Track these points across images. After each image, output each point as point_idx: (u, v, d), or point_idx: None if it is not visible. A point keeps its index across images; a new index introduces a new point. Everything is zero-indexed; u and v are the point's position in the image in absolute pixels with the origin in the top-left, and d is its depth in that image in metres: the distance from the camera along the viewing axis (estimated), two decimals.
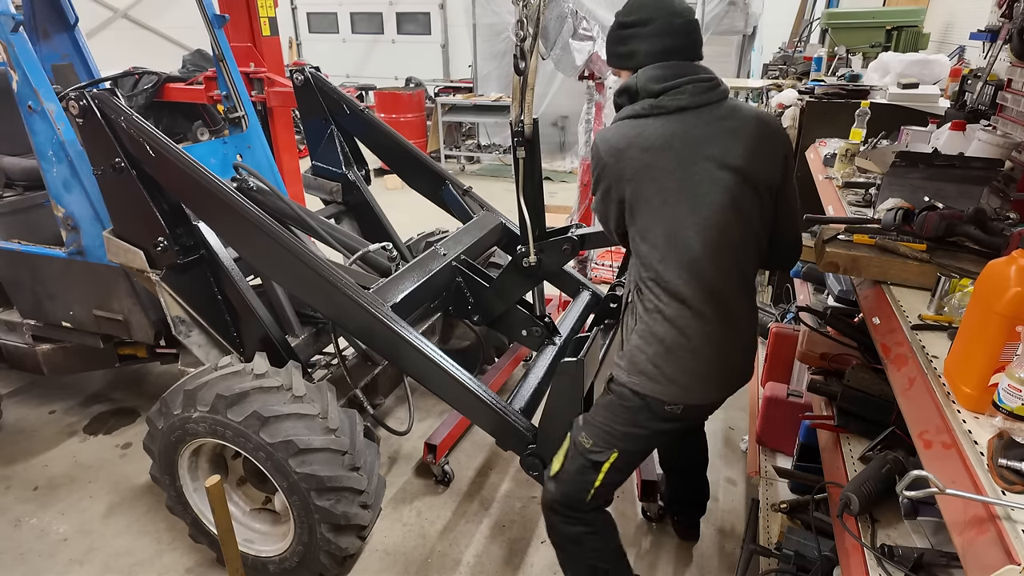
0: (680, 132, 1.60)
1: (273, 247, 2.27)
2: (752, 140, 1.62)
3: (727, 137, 1.61)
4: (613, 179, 1.66)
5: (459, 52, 11.12)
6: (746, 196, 1.63)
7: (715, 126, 1.62)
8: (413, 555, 2.59)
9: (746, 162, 1.61)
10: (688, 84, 1.61)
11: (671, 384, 1.72)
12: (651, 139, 1.60)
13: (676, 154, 1.59)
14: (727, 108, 1.65)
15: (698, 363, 1.70)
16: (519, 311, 2.76)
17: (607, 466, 1.85)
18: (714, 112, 1.63)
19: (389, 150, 3.36)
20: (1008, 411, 1.02)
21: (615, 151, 1.63)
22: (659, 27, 1.64)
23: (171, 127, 4.00)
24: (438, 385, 2.26)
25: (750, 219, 1.66)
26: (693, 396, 1.74)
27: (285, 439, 2.08)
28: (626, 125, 1.65)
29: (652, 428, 1.80)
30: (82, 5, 3.88)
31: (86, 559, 2.58)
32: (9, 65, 2.46)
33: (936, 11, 5.81)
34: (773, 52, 8.22)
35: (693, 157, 1.59)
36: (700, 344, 1.68)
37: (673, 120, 1.60)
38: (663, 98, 1.61)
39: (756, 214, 1.66)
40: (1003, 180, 2.08)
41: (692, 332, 1.67)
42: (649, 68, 1.65)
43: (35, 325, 3.05)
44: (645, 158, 1.60)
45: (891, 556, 1.35)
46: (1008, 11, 2.59)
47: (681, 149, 1.59)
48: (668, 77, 1.62)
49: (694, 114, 1.61)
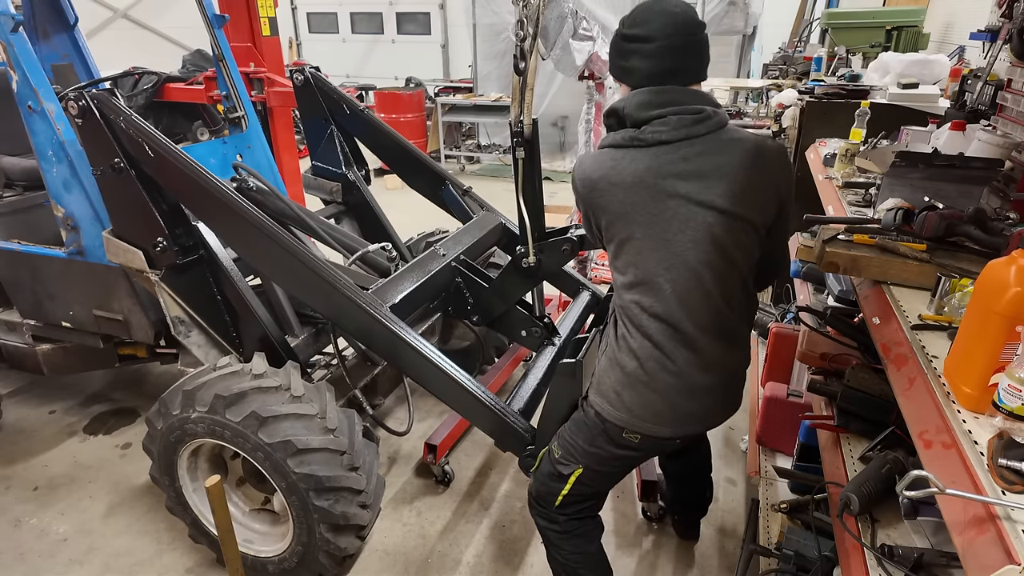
0: (654, 167, 1.53)
1: (272, 247, 2.27)
2: (740, 175, 1.52)
3: (709, 173, 1.52)
4: (588, 208, 1.66)
5: (459, 52, 11.12)
6: (728, 234, 1.54)
7: (694, 162, 1.52)
8: (413, 555, 2.59)
9: (729, 200, 1.52)
10: (674, 116, 1.53)
11: (628, 413, 1.70)
12: (623, 174, 1.55)
13: (647, 190, 1.53)
14: (716, 142, 1.54)
15: (658, 398, 1.67)
16: (519, 311, 2.76)
17: (572, 479, 1.88)
18: (696, 147, 1.53)
19: (389, 150, 3.36)
20: (1008, 411, 1.01)
21: (589, 182, 1.61)
22: (661, 47, 1.54)
23: (171, 127, 3.99)
24: (437, 386, 2.26)
25: (731, 258, 1.57)
26: (650, 428, 1.71)
27: (283, 439, 2.08)
28: (604, 155, 1.61)
29: (610, 452, 1.80)
30: (82, 5, 3.88)
31: (86, 559, 2.58)
32: (9, 65, 2.46)
33: (936, 11, 5.81)
34: (773, 52, 8.22)
35: (664, 194, 1.53)
36: (659, 382, 1.65)
37: (649, 154, 1.54)
38: (645, 129, 1.54)
39: (739, 252, 1.58)
40: (1003, 180, 2.08)
41: (652, 368, 1.64)
42: (641, 92, 1.58)
43: (35, 325, 3.05)
44: (617, 193, 1.56)
45: (891, 556, 1.35)
46: (1008, 11, 2.58)
47: (652, 185, 1.53)
48: (656, 104, 1.54)
49: (672, 148, 1.53)
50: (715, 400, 1.74)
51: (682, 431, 1.76)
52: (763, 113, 5.58)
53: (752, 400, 3.08)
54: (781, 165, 1.62)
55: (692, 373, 1.65)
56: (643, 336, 1.64)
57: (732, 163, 1.53)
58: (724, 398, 1.77)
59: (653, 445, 1.79)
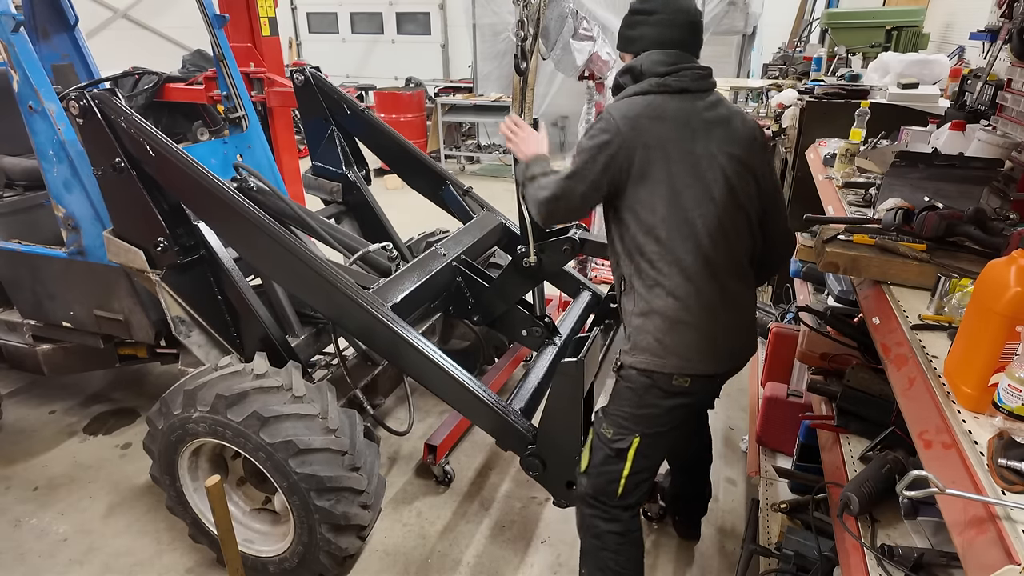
0: (685, 109, 1.71)
1: (273, 247, 2.27)
2: (741, 130, 1.77)
3: (724, 123, 1.74)
4: (623, 147, 1.69)
5: (459, 52, 11.12)
6: (742, 181, 1.74)
7: (713, 111, 1.75)
8: (413, 555, 2.59)
9: (741, 149, 1.74)
10: (688, 71, 1.74)
11: (674, 356, 1.75)
12: (660, 111, 1.70)
13: (680, 128, 1.69)
14: (717, 98, 1.80)
15: (699, 335, 1.75)
16: (519, 311, 2.76)
17: (632, 452, 1.86)
18: (710, 98, 1.77)
19: (389, 150, 3.36)
20: (1008, 411, 1.02)
21: (629, 120, 1.70)
22: (664, 19, 1.76)
23: (171, 127, 3.99)
24: (438, 385, 2.26)
25: (745, 205, 1.76)
26: (697, 366, 1.78)
27: (285, 439, 2.08)
28: (635, 99, 1.74)
29: (664, 405, 1.83)
30: (82, 5, 3.88)
31: (86, 559, 2.58)
32: (9, 65, 2.46)
33: (936, 11, 5.80)
34: (773, 52, 8.23)
35: (699, 137, 1.70)
36: (701, 316, 1.73)
37: (676, 99, 1.72)
38: (668, 78, 1.72)
39: (750, 201, 1.77)
40: (1003, 180, 2.08)
41: (692, 303, 1.72)
42: (654, 52, 1.76)
43: (35, 325, 3.05)
44: (659, 130, 1.69)
45: (891, 556, 1.35)
46: (1008, 11, 2.58)
47: (685, 124, 1.70)
48: (669, 63, 1.74)
49: (695, 96, 1.74)
50: (743, 336, 1.88)
51: (725, 366, 1.86)
52: (763, 113, 5.58)
53: (752, 400, 3.08)
54: (757, 125, 1.87)
55: (723, 308, 1.77)
56: (679, 274, 1.71)
57: (732, 118, 1.77)
58: (748, 336, 1.90)
59: (702, 386, 1.84)
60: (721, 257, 1.73)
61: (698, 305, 1.72)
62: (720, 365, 1.84)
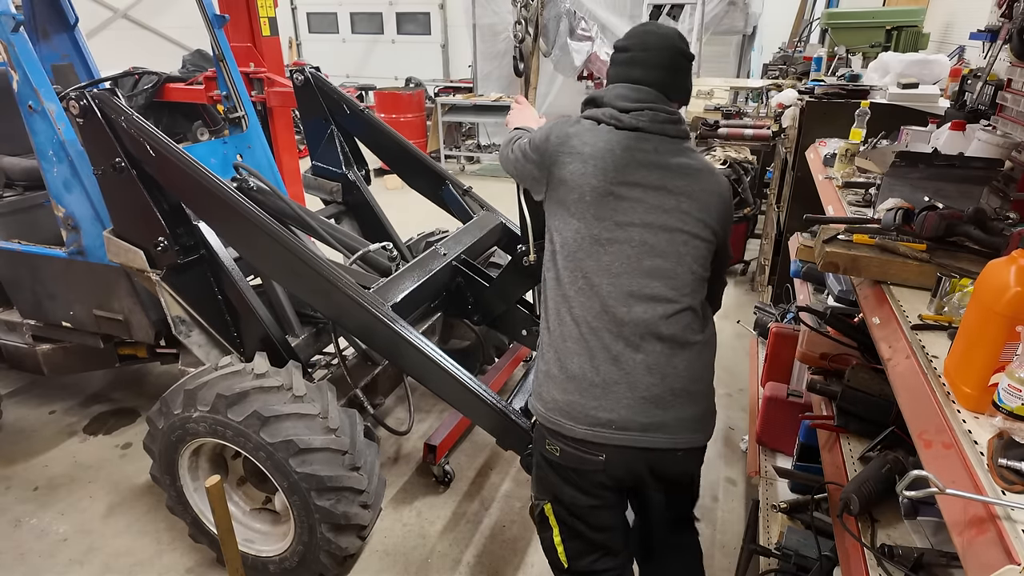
0: (628, 146, 1.59)
1: (273, 247, 2.27)
2: (698, 184, 1.61)
3: (674, 170, 1.60)
4: (549, 156, 1.66)
5: (459, 52, 11.12)
6: (675, 231, 1.57)
7: (662, 157, 1.60)
8: (413, 555, 2.59)
9: (688, 200, 1.59)
10: (650, 111, 1.61)
11: (541, 401, 1.62)
12: (598, 139, 1.61)
13: (614, 161, 1.57)
14: (682, 147, 1.65)
15: (568, 377, 1.56)
16: (519, 311, 2.76)
17: (552, 519, 1.71)
18: (667, 144, 1.62)
19: (389, 150, 3.36)
20: (1008, 411, 1.01)
21: (563, 135, 1.65)
22: (636, 56, 1.67)
23: (171, 127, 3.99)
24: (438, 385, 2.26)
25: (673, 254, 1.57)
26: (563, 421, 1.56)
27: (285, 439, 2.08)
28: (583, 122, 1.68)
29: (550, 472, 1.65)
30: (82, 5, 3.88)
31: (86, 559, 2.58)
32: (9, 65, 2.46)
33: (936, 11, 5.80)
34: (773, 52, 8.24)
35: (625, 175, 1.57)
36: (570, 355, 1.57)
37: (624, 135, 1.61)
38: (624, 116, 1.62)
39: (678, 251, 1.58)
40: (1003, 180, 2.08)
41: (571, 350, 1.57)
42: (620, 86, 1.67)
43: (35, 325, 3.05)
44: (585, 151, 1.60)
45: (891, 556, 1.35)
46: (1008, 11, 2.58)
47: (620, 158, 1.58)
48: (633, 99, 1.63)
49: (643, 137, 1.60)
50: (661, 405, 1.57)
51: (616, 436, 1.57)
52: (763, 113, 5.58)
53: (752, 400, 3.08)
54: (726, 186, 1.70)
55: (614, 367, 1.57)
56: (559, 315, 1.62)
57: (690, 169, 1.62)
58: (679, 407, 1.59)
59: (576, 452, 1.59)
60: (614, 309, 1.54)
61: (574, 350, 1.56)
62: (580, 426, 1.55)
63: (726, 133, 5.25)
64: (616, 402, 1.53)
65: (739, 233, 5.34)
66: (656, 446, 1.55)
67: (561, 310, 1.61)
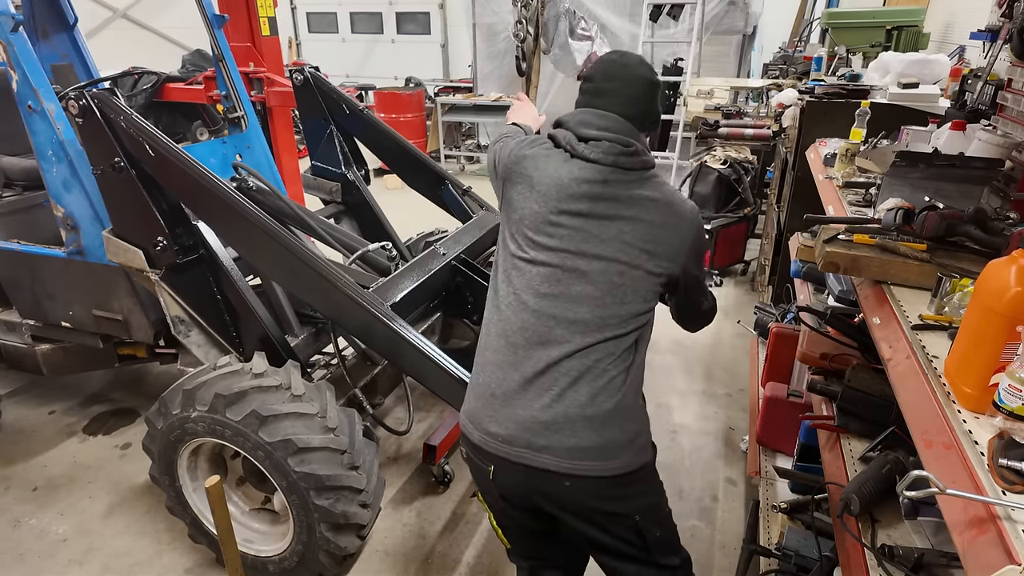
0: (576, 176, 1.57)
1: (273, 247, 2.27)
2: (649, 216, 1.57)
3: (623, 201, 1.56)
4: (502, 174, 1.71)
5: (459, 52, 11.11)
6: (611, 261, 1.54)
7: (612, 188, 1.57)
8: (413, 555, 2.59)
9: (633, 231, 1.54)
10: (607, 142, 1.57)
11: (463, 403, 1.68)
12: (549, 163, 1.61)
13: (557, 193, 1.57)
14: (642, 177, 1.59)
15: (478, 383, 1.63)
16: None
17: (484, 505, 1.76)
18: (620, 175, 1.57)
19: (389, 150, 3.36)
20: (1008, 411, 1.01)
21: (518, 155, 1.68)
22: (596, 87, 1.66)
23: (171, 127, 3.99)
24: (438, 384, 2.25)
25: (604, 283, 1.54)
26: (467, 424, 1.63)
27: (284, 438, 2.08)
28: (542, 142, 1.68)
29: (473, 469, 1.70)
30: (82, 5, 3.88)
31: (85, 559, 2.58)
32: (9, 65, 2.46)
33: (936, 11, 5.80)
34: (773, 52, 8.24)
35: (567, 204, 1.56)
36: (486, 364, 1.62)
37: (573, 164, 1.59)
38: (579, 145, 1.59)
39: (610, 281, 1.54)
40: (1003, 180, 2.08)
41: (485, 349, 1.64)
42: (584, 111, 1.64)
43: (35, 325, 3.04)
44: (529, 181, 1.62)
45: (891, 556, 1.35)
46: (1008, 11, 2.58)
47: (566, 187, 1.57)
48: (594, 126, 1.60)
49: (596, 168, 1.57)
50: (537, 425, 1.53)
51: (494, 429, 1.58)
52: (763, 113, 5.58)
53: (752, 400, 3.08)
54: (691, 220, 1.63)
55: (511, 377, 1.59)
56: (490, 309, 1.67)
57: (649, 203, 1.57)
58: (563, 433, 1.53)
59: (479, 458, 1.63)
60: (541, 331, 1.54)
61: (490, 360, 1.61)
62: (478, 429, 1.59)
63: (726, 133, 5.25)
64: (508, 417, 1.54)
65: (739, 233, 5.34)
66: (539, 466, 1.51)
67: (491, 320, 1.65)
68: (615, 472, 1.52)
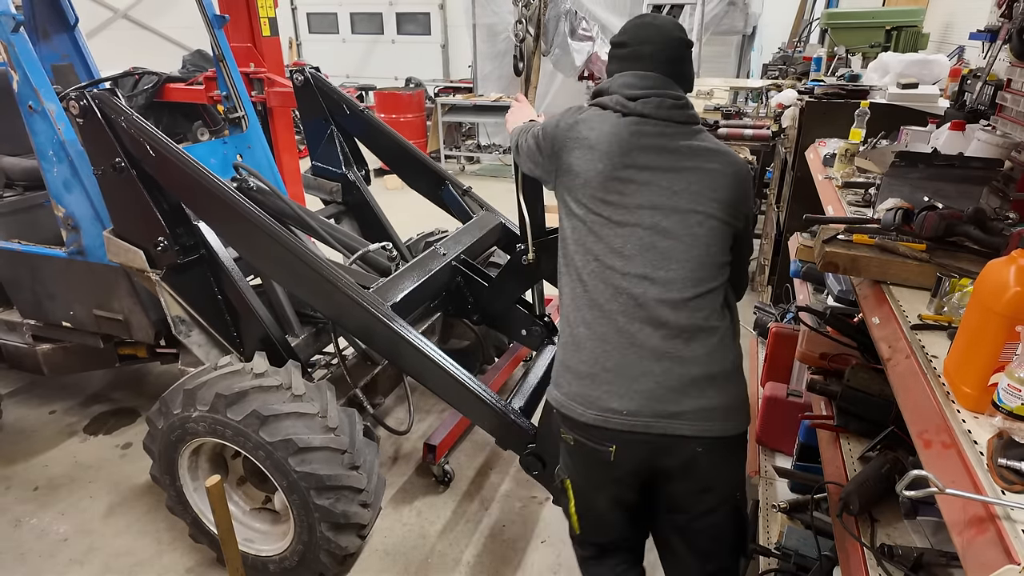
0: (631, 131, 1.59)
1: (273, 247, 2.27)
2: (710, 165, 1.59)
3: (684, 152, 1.58)
4: (557, 140, 1.69)
5: (459, 52, 11.12)
6: (688, 212, 1.54)
7: (670, 140, 1.59)
8: (413, 555, 2.59)
9: (700, 181, 1.56)
10: (656, 98, 1.61)
11: (557, 387, 1.60)
12: (604, 124, 1.62)
13: (619, 148, 1.58)
14: (691, 130, 1.63)
15: (581, 362, 1.54)
16: (519, 310, 2.76)
17: (571, 492, 1.72)
18: (672, 128, 1.61)
19: (389, 150, 3.37)
20: (1008, 411, 1.01)
21: (569, 122, 1.68)
22: (632, 52, 1.67)
23: (171, 127, 3.99)
24: (438, 384, 2.26)
25: (687, 236, 1.54)
26: (575, 407, 1.54)
27: (284, 438, 2.08)
28: (590, 109, 1.70)
29: (567, 456, 1.67)
30: (82, 5, 3.88)
31: (86, 559, 2.58)
32: (9, 65, 2.46)
33: (936, 11, 5.80)
34: (773, 52, 8.23)
35: (631, 159, 1.57)
36: (583, 340, 1.55)
37: (631, 121, 1.61)
38: (630, 103, 1.62)
39: (692, 232, 1.54)
40: (1003, 180, 2.08)
41: (580, 332, 1.56)
42: (626, 74, 1.66)
43: (35, 325, 3.05)
44: (591, 136, 1.62)
45: (891, 556, 1.35)
46: (1008, 11, 2.58)
47: (626, 142, 1.58)
48: (639, 87, 1.63)
49: (650, 122, 1.60)
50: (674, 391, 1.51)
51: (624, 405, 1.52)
52: (763, 113, 5.58)
53: (752, 400, 3.07)
54: (744, 171, 1.65)
55: (621, 348, 1.55)
56: (573, 295, 1.63)
57: (707, 153, 1.60)
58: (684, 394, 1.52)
59: (591, 438, 1.56)
60: (618, 287, 1.52)
61: (587, 335, 1.54)
62: (593, 409, 1.52)
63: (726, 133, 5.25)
64: (627, 388, 1.48)
65: None
66: (672, 433, 1.46)
67: (577, 295, 1.59)
68: (736, 432, 1.54)
